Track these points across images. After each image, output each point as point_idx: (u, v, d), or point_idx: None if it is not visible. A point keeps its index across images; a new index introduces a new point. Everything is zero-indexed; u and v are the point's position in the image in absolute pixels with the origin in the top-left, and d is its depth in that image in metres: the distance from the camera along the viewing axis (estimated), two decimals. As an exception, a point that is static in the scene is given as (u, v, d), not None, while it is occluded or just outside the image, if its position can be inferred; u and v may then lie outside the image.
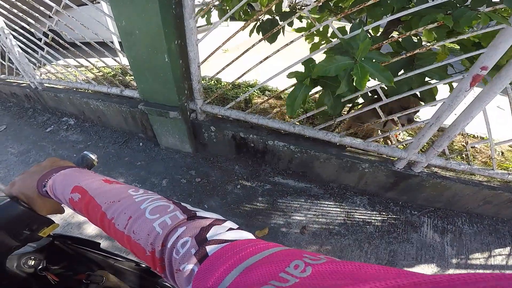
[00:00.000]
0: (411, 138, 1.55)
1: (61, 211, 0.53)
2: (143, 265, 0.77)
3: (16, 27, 2.25)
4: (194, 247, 0.28)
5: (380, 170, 1.69)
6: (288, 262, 0.21)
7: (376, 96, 1.48)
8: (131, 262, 0.76)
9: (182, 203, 0.37)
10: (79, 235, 0.75)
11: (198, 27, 1.55)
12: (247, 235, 0.30)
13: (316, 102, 1.60)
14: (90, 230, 1.73)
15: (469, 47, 1.17)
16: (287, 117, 2.21)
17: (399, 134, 2.11)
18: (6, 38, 2.33)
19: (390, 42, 1.22)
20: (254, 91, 2.61)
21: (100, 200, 0.39)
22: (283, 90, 1.56)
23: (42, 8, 1.89)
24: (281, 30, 1.51)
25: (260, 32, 1.72)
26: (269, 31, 1.61)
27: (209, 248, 0.27)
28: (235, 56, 1.50)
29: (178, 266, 0.28)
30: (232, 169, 2.16)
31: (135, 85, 2.10)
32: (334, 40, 1.25)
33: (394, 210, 1.85)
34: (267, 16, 1.68)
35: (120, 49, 1.91)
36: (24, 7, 1.98)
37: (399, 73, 1.26)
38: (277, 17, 1.69)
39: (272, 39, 1.61)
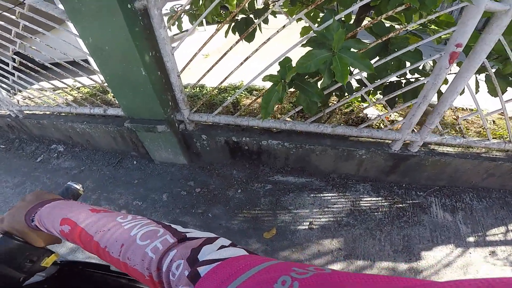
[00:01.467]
0: (403, 118, 1.53)
1: (58, 241, 0.53)
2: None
3: None
4: (187, 268, 0.29)
5: (377, 154, 1.67)
6: (276, 278, 0.21)
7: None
8: None
9: (173, 225, 0.38)
10: (87, 259, 0.74)
11: (174, 35, 1.50)
12: (238, 251, 0.31)
13: (296, 99, 1.57)
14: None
15: (442, 26, 1.19)
16: (278, 114, 2.18)
17: (390, 116, 2.08)
18: None
19: (365, 28, 1.19)
20: (242, 92, 2.56)
21: (91, 230, 0.39)
22: (267, 90, 1.52)
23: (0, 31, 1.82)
24: (258, 28, 1.47)
25: (237, 32, 1.68)
26: (245, 30, 1.57)
27: (201, 269, 0.27)
28: (215, 61, 1.46)
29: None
30: (230, 175, 2.13)
31: (115, 102, 2.05)
32: (311, 32, 1.22)
33: (399, 193, 1.83)
34: (242, 16, 1.63)
35: (95, 68, 1.86)
36: None
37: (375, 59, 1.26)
38: (251, 15, 1.64)
39: (249, 38, 1.57)
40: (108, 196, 2.12)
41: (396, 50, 1.17)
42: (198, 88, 2.83)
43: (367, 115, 1.96)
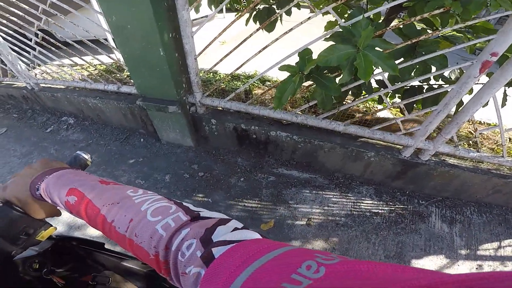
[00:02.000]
0: (418, 125, 1.50)
1: (58, 213, 0.51)
2: None
3: (4, 28, 2.20)
4: (200, 249, 0.27)
5: (386, 158, 1.65)
6: (300, 262, 0.20)
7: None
8: (137, 260, 0.73)
9: (184, 203, 0.36)
10: (82, 236, 0.73)
11: (193, 20, 1.49)
12: (252, 234, 0.29)
13: (310, 94, 1.55)
14: (93, 230, 1.72)
15: (479, 33, 1.13)
16: (289, 107, 2.17)
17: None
18: None
19: (395, 28, 1.16)
20: (254, 82, 2.55)
21: (99, 202, 0.37)
22: (283, 80, 1.51)
23: (27, 7, 1.85)
24: (279, 19, 1.45)
25: (257, 22, 1.65)
26: (266, 20, 1.55)
27: (215, 250, 0.26)
28: (233, 48, 1.45)
29: (183, 269, 0.27)
30: (235, 162, 2.14)
31: (129, 81, 2.07)
32: (336, 27, 1.20)
33: (401, 200, 1.82)
34: (264, 5, 1.61)
35: (114, 46, 1.86)
36: (11, 8, 1.94)
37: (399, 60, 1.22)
38: (273, 5, 1.62)
39: (270, 28, 1.55)
40: (112, 172, 2.15)
41: (423, 53, 1.14)
42: (211, 74, 2.82)
43: (380, 117, 1.93)
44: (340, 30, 1.17)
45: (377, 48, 1.03)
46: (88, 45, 1.85)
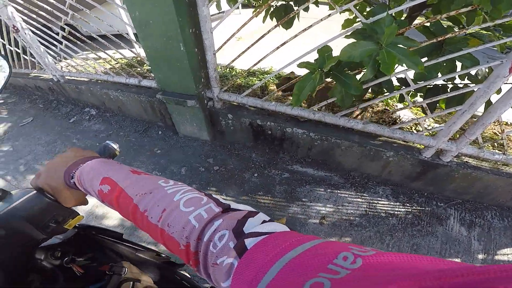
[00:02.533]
0: (440, 125, 1.46)
1: (85, 202, 0.52)
2: (163, 255, 0.77)
3: (34, 23, 2.30)
4: (232, 240, 0.27)
5: (405, 159, 1.61)
6: (335, 254, 0.20)
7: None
8: (151, 251, 0.75)
9: (213, 195, 0.36)
10: (100, 226, 0.75)
11: (211, 15, 1.51)
12: (282, 227, 0.29)
13: (330, 91, 1.53)
14: (111, 221, 1.79)
15: (509, 32, 1.08)
16: (303, 104, 2.15)
17: (425, 121, 1.99)
18: (25, 33, 2.39)
19: (419, 26, 1.12)
20: (270, 78, 2.55)
21: (131, 192, 0.37)
22: (300, 78, 1.50)
23: (55, 2, 1.93)
24: (296, 16, 1.44)
25: (274, 18, 1.65)
26: (283, 16, 1.54)
27: (248, 241, 0.26)
28: (249, 44, 1.46)
29: (215, 260, 0.27)
30: (249, 157, 2.15)
31: (149, 75, 2.12)
32: (356, 24, 1.18)
33: (419, 202, 1.78)
34: (281, 2, 1.59)
35: (135, 40, 1.91)
36: (40, 3, 2.03)
37: (424, 59, 1.18)
38: (291, 2, 1.60)
39: (287, 25, 1.54)
40: (130, 163, 2.22)
41: (452, 51, 1.10)
42: (227, 69, 2.84)
43: (399, 116, 1.88)
44: (361, 27, 1.15)
45: (400, 46, 1.01)
46: (112, 40, 1.91)
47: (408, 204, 1.76)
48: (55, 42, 2.38)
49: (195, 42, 1.60)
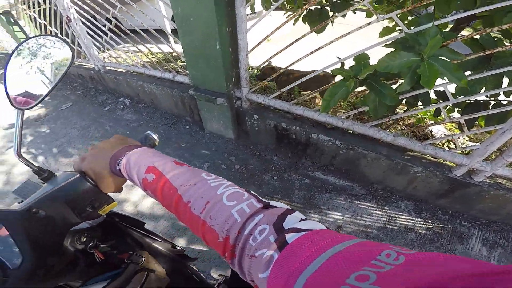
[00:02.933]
0: (475, 144, 1.38)
1: (121, 190, 0.52)
2: (178, 247, 0.78)
3: (85, 14, 2.45)
4: (273, 234, 0.28)
5: (434, 175, 1.54)
6: (378, 251, 0.20)
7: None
8: (167, 243, 0.75)
9: (252, 192, 0.37)
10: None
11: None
12: (320, 226, 0.29)
13: (361, 100, 1.50)
14: (131, 208, 1.86)
15: None
16: (333, 110, 2.13)
17: (460, 138, 1.90)
18: (77, 24, 2.58)
19: (467, 38, 1.08)
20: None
21: (176, 182, 0.38)
22: (330, 85, 1.49)
23: None
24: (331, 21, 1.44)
25: (307, 22, 1.65)
26: (317, 21, 1.53)
27: (288, 236, 0.26)
28: (277, 45, 1.47)
29: (253, 252, 0.28)
30: (270, 159, 2.17)
31: (183, 71, 2.20)
32: (396, 34, 1.15)
33: (442, 219, 1.70)
34: (316, 6, 1.59)
35: (172, 36, 2.00)
36: None
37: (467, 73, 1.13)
38: (327, 7, 1.60)
39: (320, 29, 1.54)
40: (156, 154, 2.32)
41: (501, 65, 1.04)
42: (256, 70, 2.88)
43: (432, 131, 1.81)
44: (402, 37, 1.13)
45: (443, 58, 0.97)
46: (152, 34, 2.01)
47: (430, 221, 1.69)
48: (101, 34, 2.54)
49: (230, 42, 1.64)
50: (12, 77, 0.54)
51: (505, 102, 1.24)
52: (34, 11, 3.12)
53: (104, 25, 2.41)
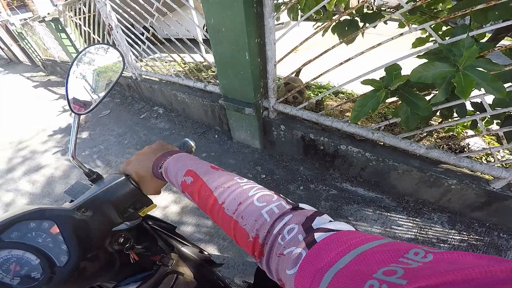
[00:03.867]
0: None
1: (159, 192, 0.57)
2: (205, 253, 0.80)
3: (125, 22, 2.60)
4: (301, 233, 0.29)
5: (470, 188, 1.47)
6: (406, 249, 0.21)
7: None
8: (196, 248, 0.78)
9: (282, 195, 0.39)
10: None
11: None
12: (349, 227, 0.30)
13: (393, 111, 1.47)
14: (162, 213, 1.97)
15: None
16: (362, 122, 2.10)
17: (499, 151, 1.79)
18: (117, 32, 2.76)
19: (506, 49, 1.05)
20: (328, 94, 2.55)
21: (212, 185, 0.41)
22: (362, 95, 1.49)
23: (146, 5, 2.21)
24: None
25: (336, 33, 1.67)
26: (346, 31, 1.54)
27: (317, 235, 0.27)
28: (305, 55, 1.49)
29: (282, 250, 0.29)
30: (297, 170, 2.18)
31: (214, 81, 2.27)
32: (429, 45, 1.14)
33: (478, 231, 1.61)
34: (345, 17, 1.61)
35: (203, 45, 2.09)
36: (133, 4, 2.33)
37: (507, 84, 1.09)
38: (357, 18, 1.61)
39: (350, 40, 1.55)
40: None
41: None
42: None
43: (468, 144, 1.72)
44: (436, 47, 1.12)
45: (480, 69, 0.95)
46: (186, 44, 2.11)
47: (464, 233, 1.61)
48: (139, 42, 2.69)
49: (259, 52, 1.70)
50: (71, 84, 0.58)
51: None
52: (79, 18, 3.34)
53: (142, 34, 2.55)
